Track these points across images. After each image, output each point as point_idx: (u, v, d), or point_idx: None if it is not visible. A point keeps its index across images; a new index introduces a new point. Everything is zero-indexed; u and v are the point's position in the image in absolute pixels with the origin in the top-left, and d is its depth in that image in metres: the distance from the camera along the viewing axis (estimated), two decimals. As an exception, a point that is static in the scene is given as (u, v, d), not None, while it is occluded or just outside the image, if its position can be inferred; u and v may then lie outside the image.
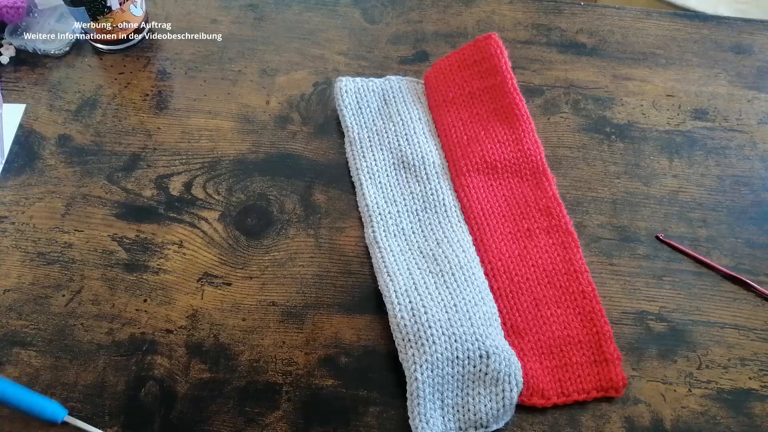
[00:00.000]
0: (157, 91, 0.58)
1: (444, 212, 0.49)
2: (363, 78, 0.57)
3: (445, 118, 0.54)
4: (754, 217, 0.52)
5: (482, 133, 0.53)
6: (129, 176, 0.53)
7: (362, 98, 0.55)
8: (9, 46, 0.60)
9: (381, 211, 0.49)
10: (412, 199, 0.50)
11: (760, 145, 0.56)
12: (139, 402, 0.42)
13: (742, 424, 0.43)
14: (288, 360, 0.44)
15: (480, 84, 0.55)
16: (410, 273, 0.46)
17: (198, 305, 0.46)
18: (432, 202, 0.50)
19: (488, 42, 0.55)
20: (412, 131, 0.53)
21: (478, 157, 0.52)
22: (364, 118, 0.55)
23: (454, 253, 0.46)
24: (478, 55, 0.56)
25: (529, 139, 0.52)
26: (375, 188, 0.51)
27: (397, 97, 0.56)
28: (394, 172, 0.52)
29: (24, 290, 0.47)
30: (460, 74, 0.56)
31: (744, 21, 0.66)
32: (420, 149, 0.52)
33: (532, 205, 0.50)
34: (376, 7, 0.65)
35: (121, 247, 0.49)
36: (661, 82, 0.60)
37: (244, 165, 0.54)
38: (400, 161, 0.52)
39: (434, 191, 0.50)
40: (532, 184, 0.51)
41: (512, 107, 0.53)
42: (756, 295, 0.48)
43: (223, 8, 0.64)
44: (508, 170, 0.51)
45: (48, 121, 0.56)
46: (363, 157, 0.52)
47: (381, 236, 0.48)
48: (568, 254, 0.47)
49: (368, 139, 0.53)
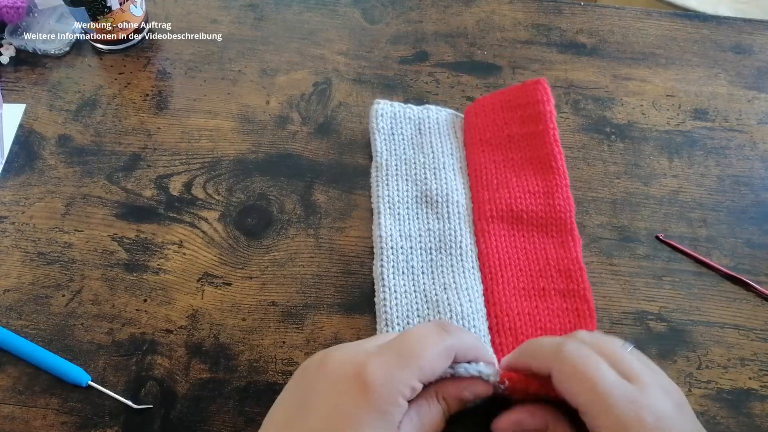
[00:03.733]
0: (157, 91, 0.58)
1: (459, 255, 0.47)
2: (401, 104, 0.55)
3: (478, 157, 0.52)
4: (754, 217, 0.52)
5: (513, 180, 0.50)
6: (129, 176, 0.53)
7: (397, 124, 0.54)
8: (9, 46, 0.60)
9: (394, 245, 0.47)
10: (429, 237, 0.48)
11: (760, 145, 0.56)
12: (139, 402, 0.42)
13: (742, 424, 0.43)
14: (288, 360, 0.44)
15: (520, 129, 0.52)
16: (408, 322, 0.44)
17: (198, 305, 0.46)
18: (448, 242, 0.48)
19: (536, 87, 0.52)
20: (442, 166, 0.51)
21: (504, 203, 0.49)
22: (395, 144, 0.53)
23: (459, 302, 0.44)
24: (523, 99, 0.53)
25: (561, 194, 0.49)
26: (392, 220, 0.49)
27: (433, 128, 0.54)
28: (414, 206, 0.50)
29: (24, 290, 0.47)
30: (502, 115, 0.53)
31: (744, 21, 0.66)
32: (446, 186, 0.50)
33: (552, 264, 0.47)
34: (376, 7, 0.65)
35: (121, 247, 0.49)
36: (661, 82, 0.60)
37: (244, 165, 0.54)
38: (423, 195, 0.50)
39: (453, 232, 0.48)
40: (556, 242, 0.48)
41: (550, 159, 0.50)
42: (756, 295, 0.48)
43: (223, 8, 0.64)
44: (533, 223, 0.48)
45: (48, 121, 0.56)
46: (387, 185, 0.50)
47: (388, 274, 0.46)
48: (581, 323, 0.44)
49: (395, 167, 0.51)
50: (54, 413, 0.42)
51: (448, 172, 0.51)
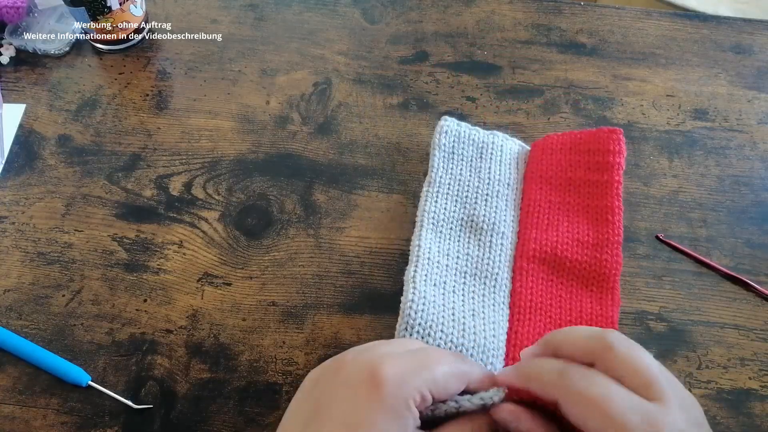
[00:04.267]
0: (157, 91, 0.58)
1: (492, 287, 0.45)
2: (468, 125, 0.53)
3: (534, 193, 0.50)
4: (754, 217, 0.52)
5: (565, 225, 0.48)
6: (129, 176, 0.53)
7: (459, 144, 0.52)
8: (9, 46, 0.60)
9: (431, 257, 0.46)
10: (466, 261, 0.46)
11: (760, 145, 0.56)
12: (139, 402, 0.42)
13: (742, 424, 0.43)
14: (288, 360, 0.44)
15: (584, 175, 0.50)
16: (429, 333, 0.41)
17: (198, 305, 0.46)
18: (484, 271, 0.46)
19: (611, 136, 0.50)
20: (495, 194, 0.50)
21: (550, 246, 0.47)
22: (453, 164, 0.51)
23: (483, 333, 0.42)
24: (594, 145, 0.50)
25: (611, 250, 0.46)
26: (434, 234, 0.47)
27: (495, 155, 0.52)
28: (458, 228, 0.48)
29: (24, 290, 0.47)
30: (569, 156, 0.51)
31: (744, 21, 0.66)
32: (495, 215, 0.48)
33: (584, 319, 0.44)
34: (376, 7, 0.65)
35: (121, 247, 0.49)
36: (661, 82, 0.60)
37: (244, 165, 0.54)
38: (470, 219, 0.48)
39: (491, 262, 0.46)
40: (594, 297, 0.45)
41: (607, 211, 0.48)
42: (756, 295, 0.48)
43: (223, 8, 0.64)
44: (575, 273, 0.46)
45: (48, 121, 0.56)
46: (435, 201, 0.49)
47: (420, 280, 0.44)
48: None
49: (448, 185, 0.50)
50: (54, 413, 0.42)
51: (500, 202, 0.49)
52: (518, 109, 0.58)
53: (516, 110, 0.58)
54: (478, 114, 0.57)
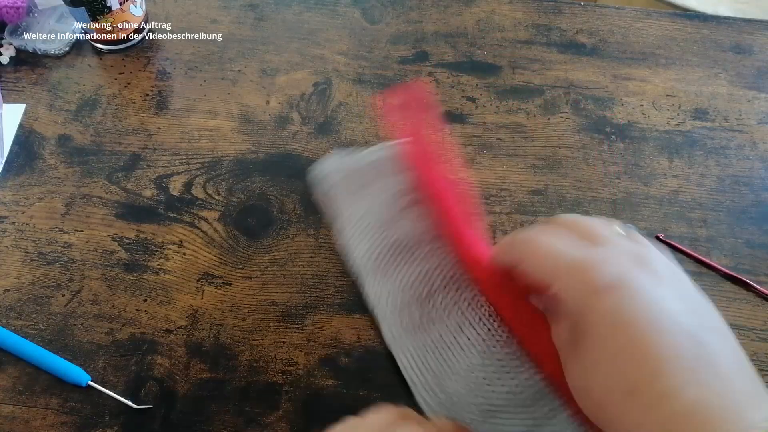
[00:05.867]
0: (157, 91, 0.58)
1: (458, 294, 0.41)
2: (339, 155, 0.48)
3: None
4: (754, 217, 0.52)
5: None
6: (129, 176, 0.53)
7: (343, 180, 0.47)
8: (9, 46, 0.60)
9: (390, 302, 0.43)
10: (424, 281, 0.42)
11: (760, 145, 0.56)
12: (139, 402, 0.42)
13: (742, 424, 0.43)
14: (288, 360, 0.44)
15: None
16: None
17: (198, 305, 0.46)
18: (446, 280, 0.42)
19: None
20: (399, 208, 0.44)
21: None
22: (351, 200, 0.46)
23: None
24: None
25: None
26: (382, 277, 0.44)
27: (372, 171, 0.46)
28: (396, 256, 0.43)
29: (24, 290, 0.47)
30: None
31: (744, 21, 0.66)
32: (412, 228, 0.44)
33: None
34: (376, 7, 0.65)
35: (121, 247, 0.49)
36: (661, 82, 0.60)
37: (244, 165, 0.54)
38: (397, 243, 0.43)
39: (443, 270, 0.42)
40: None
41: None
42: (756, 295, 0.48)
43: (223, 8, 0.64)
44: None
45: (48, 121, 0.56)
46: (358, 245, 0.45)
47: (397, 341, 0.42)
48: None
49: (357, 224, 0.45)
50: (54, 413, 0.42)
51: (406, 213, 0.44)
52: (518, 109, 0.58)
53: (516, 110, 0.58)
54: (478, 114, 0.57)
